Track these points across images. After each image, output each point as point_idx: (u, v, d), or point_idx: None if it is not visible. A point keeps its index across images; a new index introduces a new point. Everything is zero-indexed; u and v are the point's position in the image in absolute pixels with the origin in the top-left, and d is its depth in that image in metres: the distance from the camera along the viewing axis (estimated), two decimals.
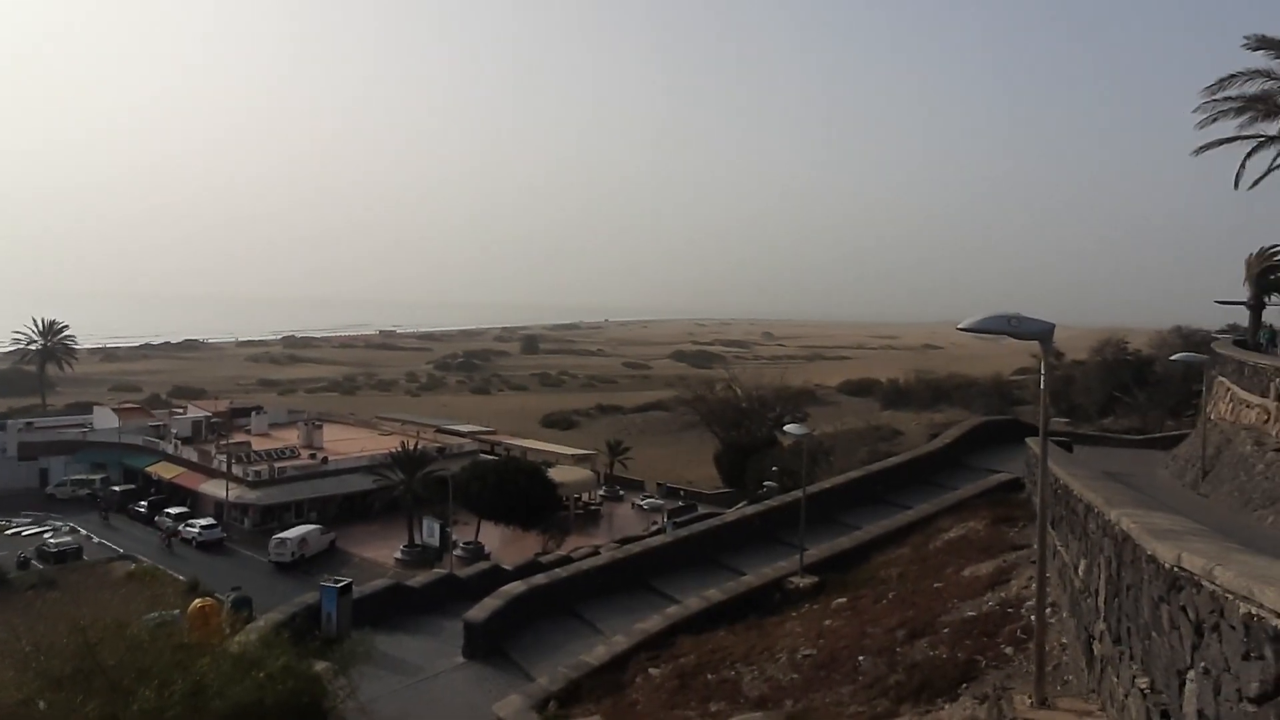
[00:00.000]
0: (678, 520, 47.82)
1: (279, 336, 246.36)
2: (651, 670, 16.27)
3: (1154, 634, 5.88)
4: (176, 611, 21.46)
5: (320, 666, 16.09)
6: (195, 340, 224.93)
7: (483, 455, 67.61)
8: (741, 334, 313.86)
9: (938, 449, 29.85)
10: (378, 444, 67.51)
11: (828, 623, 16.10)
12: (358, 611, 23.37)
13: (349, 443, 70.90)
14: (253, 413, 78.94)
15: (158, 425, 74.82)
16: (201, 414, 76.86)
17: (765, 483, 55.10)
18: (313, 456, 65.02)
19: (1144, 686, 6.08)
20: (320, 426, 73.55)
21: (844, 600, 17.54)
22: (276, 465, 61.25)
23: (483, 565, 33.14)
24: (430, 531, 51.93)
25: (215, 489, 59.52)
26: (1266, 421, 19.05)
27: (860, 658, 13.21)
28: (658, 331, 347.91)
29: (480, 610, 20.75)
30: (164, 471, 65.70)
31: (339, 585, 23.61)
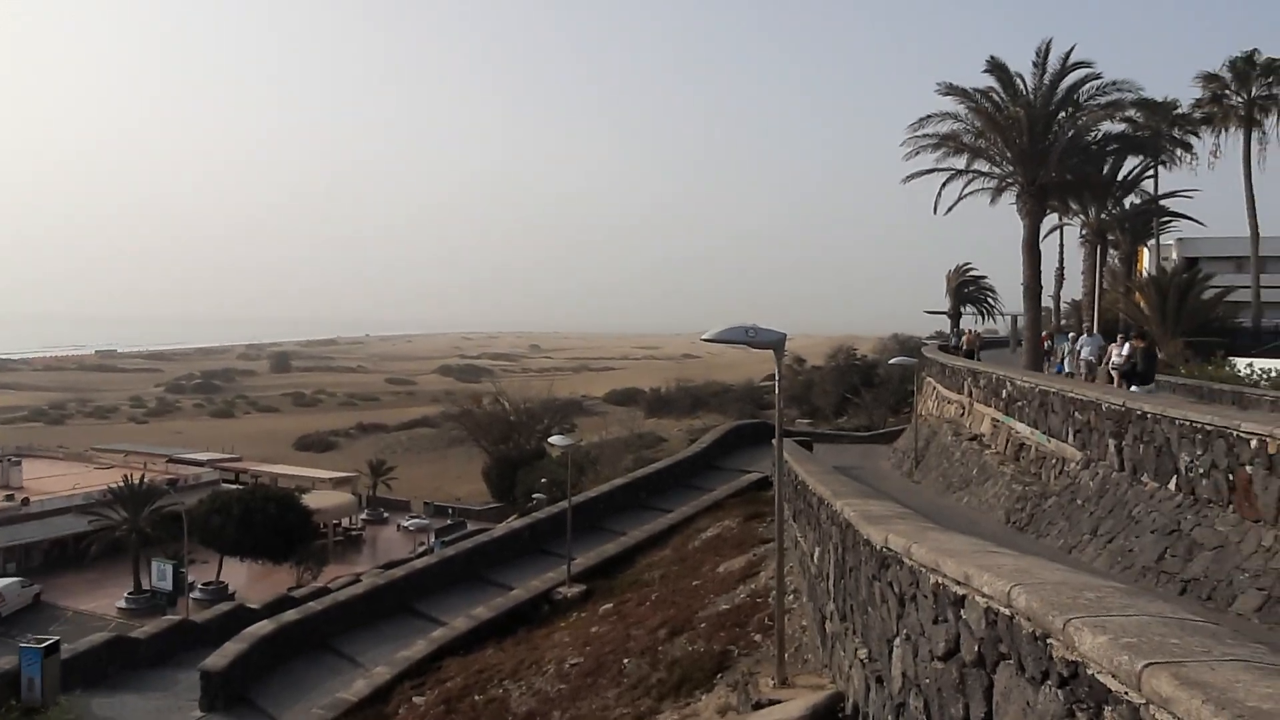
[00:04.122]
0: (446, 539, 46.55)
1: None
2: (416, 699, 15.70)
3: (870, 609, 6.57)
4: None
5: None
6: None
7: (225, 485, 62.07)
8: (509, 346, 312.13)
9: (695, 453, 31.44)
10: (94, 479, 60.18)
11: (595, 629, 16.37)
12: (69, 673, 20.72)
13: (57, 480, 63.02)
14: None
15: None
16: None
17: (534, 495, 55.14)
18: (10, 498, 57.03)
19: (863, 657, 6.76)
20: (19, 463, 65.13)
21: (610, 605, 17.94)
22: None
23: (225, 607, 30.37)
24: (161, 575, 46.42)
25: None
26: (962, 415, 22.09)
27: (625, 660, 13.55)
28: (423, 346, 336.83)
29: (220, 657, 18.94)
30: None
31: (43, 645, 20.82)
